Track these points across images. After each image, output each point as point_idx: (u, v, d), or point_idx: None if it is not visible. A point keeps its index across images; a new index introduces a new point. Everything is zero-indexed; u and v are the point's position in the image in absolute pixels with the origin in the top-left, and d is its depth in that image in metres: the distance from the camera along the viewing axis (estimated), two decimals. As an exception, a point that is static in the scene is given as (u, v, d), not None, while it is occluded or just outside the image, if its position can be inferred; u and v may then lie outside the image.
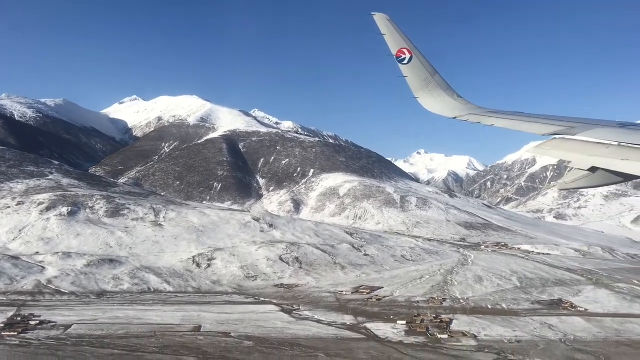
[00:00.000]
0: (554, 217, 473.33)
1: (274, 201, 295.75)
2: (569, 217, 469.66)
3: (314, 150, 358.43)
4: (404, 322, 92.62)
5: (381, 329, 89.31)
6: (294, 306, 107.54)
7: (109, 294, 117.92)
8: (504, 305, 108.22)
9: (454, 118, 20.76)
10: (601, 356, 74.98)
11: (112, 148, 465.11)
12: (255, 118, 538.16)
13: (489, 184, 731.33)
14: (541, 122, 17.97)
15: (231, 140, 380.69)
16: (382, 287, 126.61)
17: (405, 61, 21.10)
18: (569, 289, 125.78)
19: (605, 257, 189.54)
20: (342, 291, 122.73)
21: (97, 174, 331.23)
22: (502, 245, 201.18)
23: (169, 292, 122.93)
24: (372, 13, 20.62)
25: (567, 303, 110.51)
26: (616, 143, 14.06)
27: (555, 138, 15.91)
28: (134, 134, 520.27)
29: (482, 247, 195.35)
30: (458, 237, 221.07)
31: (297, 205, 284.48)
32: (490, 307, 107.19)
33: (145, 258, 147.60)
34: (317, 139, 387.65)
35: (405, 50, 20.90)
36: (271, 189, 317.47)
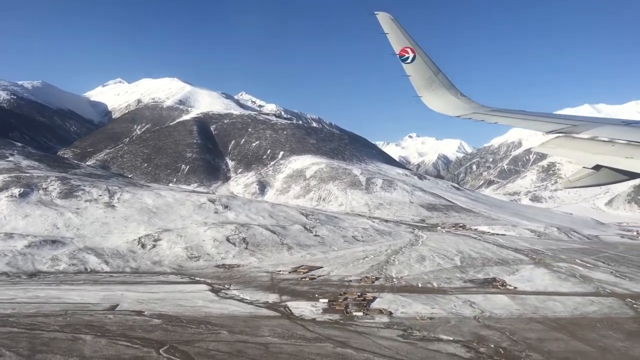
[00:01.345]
0: (530, 199, 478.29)
1: (241, 183, 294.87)
2: (545, 199, 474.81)
3: (285, 132, 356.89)
4: (326, 300, 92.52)
5: (301, 307, 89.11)
6: (225, 285, 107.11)
7: (43, 274, 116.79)
8: (434, 284, 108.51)
9: (458, 117, 20.98)
10: (506, 332, 75.24)
11: (87, 130, 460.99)
12: (237, 101, 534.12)
13: (474, 167, 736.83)
14: (544, 120, 18.06)
15: (203, 122, 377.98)
16: (322, 267, 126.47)
17: (409, 60, 21.06)
18: (508, 268, 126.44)
19: (559, 238, 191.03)
20: (280, 271, 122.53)
21: (66, 156, 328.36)
22: (460, 226, 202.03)
23: (106, 272, 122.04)
24: (375, 12, 20.45)
25: (499, 281, 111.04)
26: (621, 141, 14.01)
27: (560, 136, 15.84)
28: (113, 117, 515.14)
29: (439, 228, 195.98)
30: (418, 218, 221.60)
31: (263, 187, 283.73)
32: (420, 285, 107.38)
33: (90, 239, 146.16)
34: (288, 121, 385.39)
35: (408, 49, 20.87)
36: (239, 171, 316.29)
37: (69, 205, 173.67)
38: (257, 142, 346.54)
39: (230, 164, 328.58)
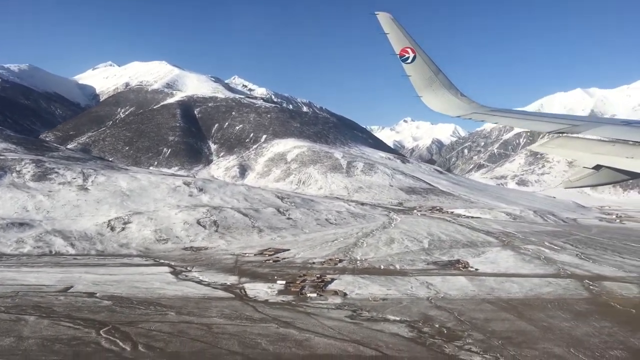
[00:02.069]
0: (517, 183, 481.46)
1: (222, 167, 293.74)
2: (531, 183, 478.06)
3: (268, 115, 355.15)
4: (284, 282, 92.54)
5: (257, 288, 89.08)
6: (188, 268, 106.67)
7: (5, 257, 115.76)
8: (397, 266, 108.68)
9: (458, 117, 21.36)
10: (455, 312, 75.52)
11: (73, 114, 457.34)
12: (227, 84, 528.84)
13: (465, 151, 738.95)
14: (545, 120, 18.17)
15: (187, 105, 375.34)
16: (289, 250, 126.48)
17: (409, 60, 21.07)
18: (474, 250, 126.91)
19: (534, 221, 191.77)
20: (246, 253, 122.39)
21: (47, 139, 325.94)
22: (437, 209, 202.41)
23: (70, 255, 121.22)
24: (376, 12, 20.35)
25: (462, 263, 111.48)
26: (621, 141, 14.00)
27: (561, 136, 15.89)
28: (100, 100, 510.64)
29: (415, 211, 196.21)
30: (396, 201, 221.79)
31: (244, 170, 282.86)
32: (382, 267, 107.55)
33: (60, 222, 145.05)
34: (273, 105, 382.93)
35: (408, 49, 20.87)
36: (221, 154, 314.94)
37: (41, 188, 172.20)
38: (241, 125, 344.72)
39: (213, 147, 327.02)
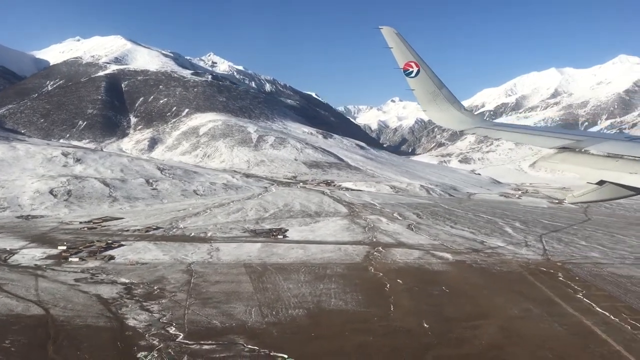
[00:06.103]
0: (459, 160, 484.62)
1: (134, 140, 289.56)
2: (474, 161, 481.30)
3: (195, 89, 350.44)
4: (64, 247, 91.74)
5: (30, 253, 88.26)
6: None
7: None
8: (209, 234, 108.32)
9: (462, 131, 21.69)
10: (196, 275, 75.57)
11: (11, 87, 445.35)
12: (188, 60, 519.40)
13: (436, 129, 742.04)
14: (549, 135, 18.49)
15: (116, 79, 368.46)
16: (123, 218, 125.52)
17: (413, 74, 21.35)
18: (311, 219, 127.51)
19: (416, 194, 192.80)
20: (73, 222, 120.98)
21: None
22: (325, 182, 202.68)
23: None
24: (380, 27, 20.58)
25: (279, 232, 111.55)
26: (625, 157, 14.05)
27: (564, 151, 16.00)
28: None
29: (301, 183, 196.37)
30: (291, 174, 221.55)
31: (154, 143, 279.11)
32: (192, 235, 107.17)
33: None
34: (202, 79, 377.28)
35: (412, 64, 21.16)
36: (139, 128, 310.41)
37: None
38: (166, 99, 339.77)
39: (133, 120, 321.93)
